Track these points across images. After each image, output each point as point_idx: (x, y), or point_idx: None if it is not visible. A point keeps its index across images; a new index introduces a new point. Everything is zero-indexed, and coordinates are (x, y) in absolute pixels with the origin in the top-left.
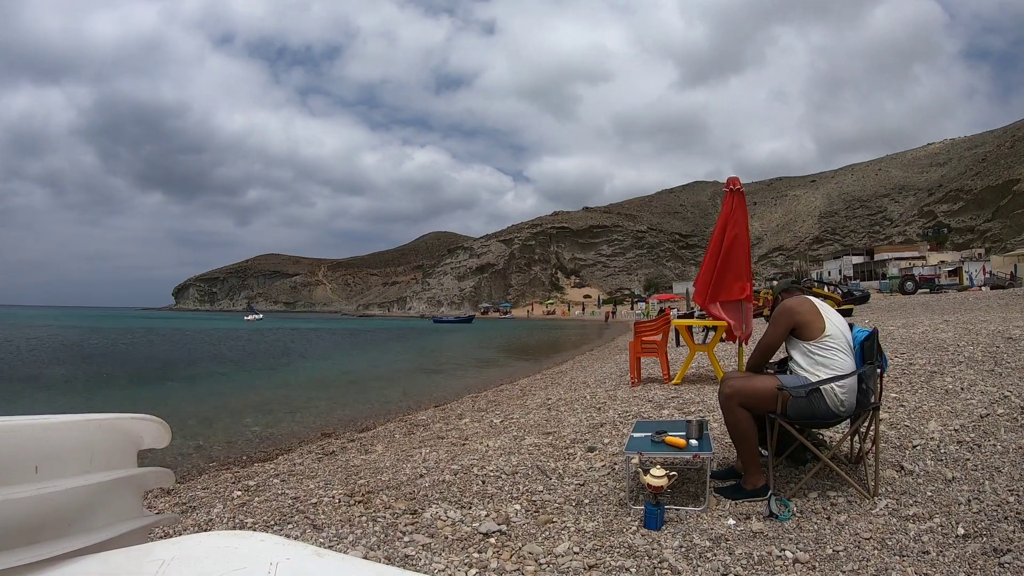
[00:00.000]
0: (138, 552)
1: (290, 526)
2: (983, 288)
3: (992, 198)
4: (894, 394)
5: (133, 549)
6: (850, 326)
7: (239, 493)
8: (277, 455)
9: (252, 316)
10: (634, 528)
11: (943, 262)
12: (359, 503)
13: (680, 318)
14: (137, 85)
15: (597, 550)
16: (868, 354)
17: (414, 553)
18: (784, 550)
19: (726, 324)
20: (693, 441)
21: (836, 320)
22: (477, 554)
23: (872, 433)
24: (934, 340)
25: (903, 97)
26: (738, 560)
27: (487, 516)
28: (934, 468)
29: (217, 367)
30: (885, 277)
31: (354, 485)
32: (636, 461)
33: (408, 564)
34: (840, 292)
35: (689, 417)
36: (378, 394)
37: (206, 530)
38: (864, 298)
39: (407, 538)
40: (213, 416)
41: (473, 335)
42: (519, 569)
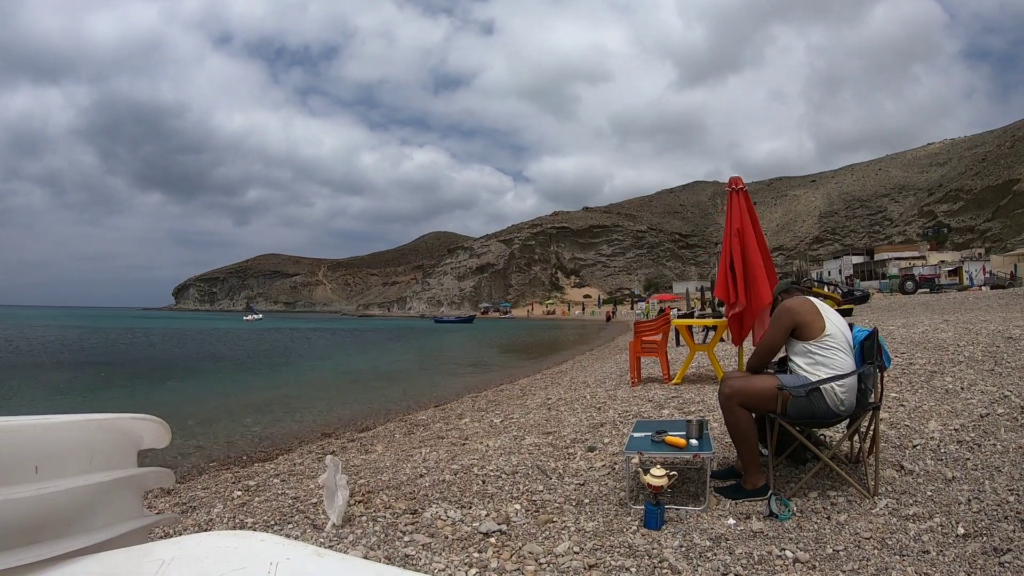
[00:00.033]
0: (138, 552)
1: (290, 526)
2: (983, 288)
3: (992, 198)
4: (894, 394)
5: (133, 549)
6: (850, 326)
7: (239, 493)
8: (277, 455)
9: (251, 316)
10: (634, 528)
11: (943, 262)
12: (359, 503)
13: (680, 318)
14: (136, 85)
15: (597, 550)
16: (868, 354)
17: (414, 553)
18: (784, 550)
19: (733, 324)
20: (693, 441)
21: (836, 320)
22: (477, 554)
23: (872, 433)
24: (934, 340)
25: (903, 97)
26: (738, 560)
27: (487, 516)
28: (934, 468)
29: (217, 367)
30: (885, 277)
31: (354, 485)
32: (636, 461)
33: (408, 564)
34: (840, 292)
35: (689, 417)
36: (378, 394)
37: (206, 530)
38: (864, 298)
39: (407, 538)
40: (213, 416)
41: (473, 335)
42: (519, 569)
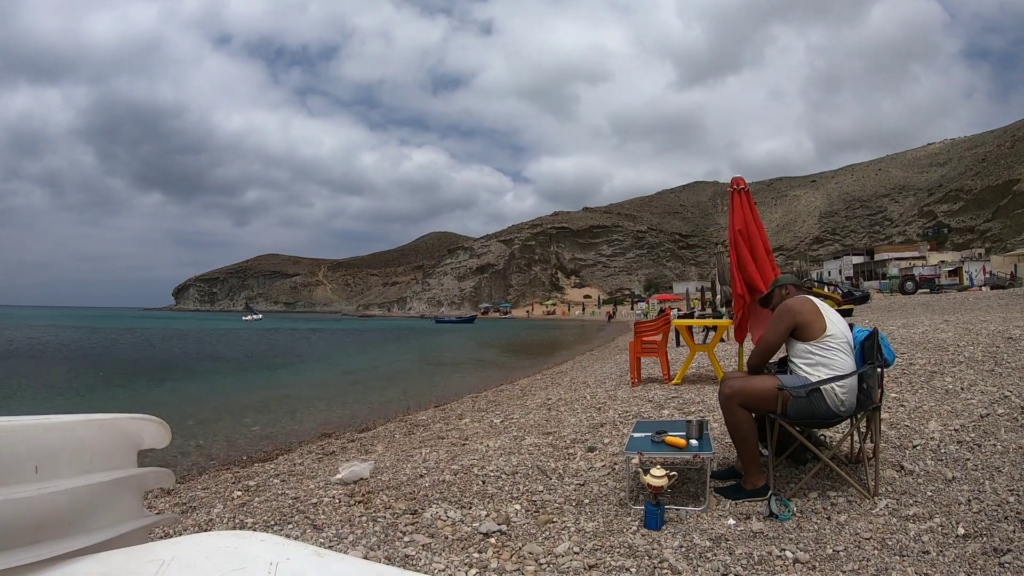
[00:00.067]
0: (138, 552)
1: (290, 526)
2: (983, 288)
3: (992, 198)
4: (894, 394)
5: (133, 549)
6: (850, 326)
7: (239, 493)
8: (277, 455)
9: (250, 316)
10: (634, 528)
11: (943, 262)
12: (359, 503)
13: (680, 318)
14: (135, 85)
15: (597, 550)
16: (868, 354)
17: (414, 553)
18: (784, 550)
19: (740, 323)
20: (693, 441)
21: (837, 320)
22: (477, 554)
23: (872, 433)
24: (934, 340)
25: (902, 96)
26: (738, 560)
27: (487, 516)
28: (934, 468)
29: (217, 367)
30: (885, 277)
31: (354, 485)
32: (636, 461)
33: (408, 564)
34: (840, 292)
35: (689, 417)
36: (378, 394)
37: (206, 530)
38: (864, 298)
39: (407, 538)
40: (213, 416)
41: (473, 335)
42: (519, 569)
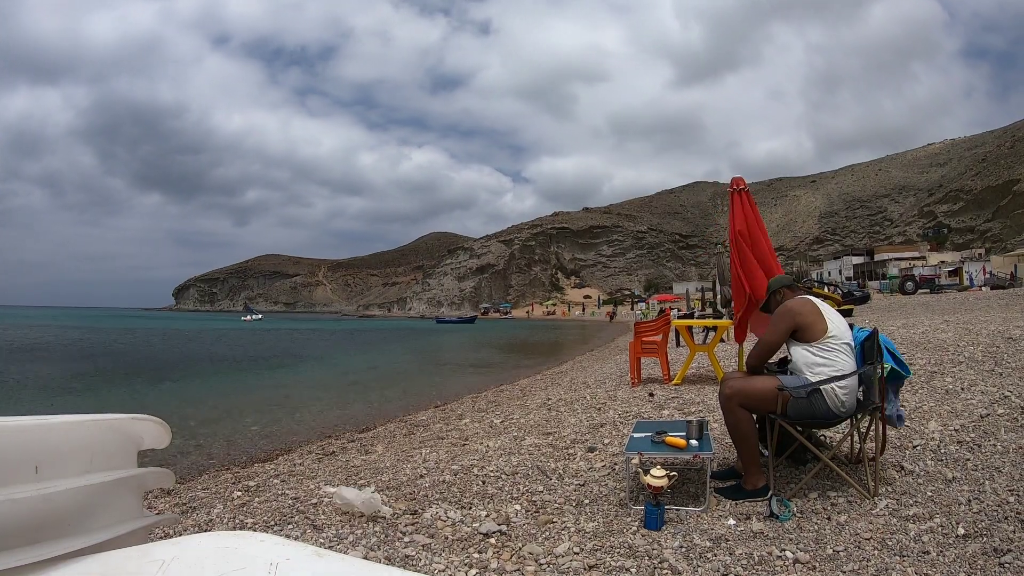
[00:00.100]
0: (138, 552)
1: (290, 526)
2: (983, 288)
3: (992, 198)
4: None
5: (133, 549)
6: (850, 326)
7: (239, 493)
8: (277, 455)
9: (250, 316)
10: (634, 528)
11: (943, 262)
12: None
13: (680, 319)
14: (135, 85)
15: (597, 550)
16: (869, 354)
17: (414, 553)
18: (784, 550)
19: (742, 323)
20: (693, 441)
21: (837, 321)
22: (477, 554)
23: (872, 433)
24: (934, 340)
25: (902, 96)
26: (738, 560)
27: (487, 516)
28: (934, 468)
29: (217, 367)
30: (885, 277)
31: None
32: (636, 461)
33: (408, 564)
34: (841, 292)
35: (689, 417)
36: (378, 394)
37: (206, 530)
38: (864, 298)
39: (407, 538)
40: (213, 416)
41: (474, 335)
42: (519, 569)
